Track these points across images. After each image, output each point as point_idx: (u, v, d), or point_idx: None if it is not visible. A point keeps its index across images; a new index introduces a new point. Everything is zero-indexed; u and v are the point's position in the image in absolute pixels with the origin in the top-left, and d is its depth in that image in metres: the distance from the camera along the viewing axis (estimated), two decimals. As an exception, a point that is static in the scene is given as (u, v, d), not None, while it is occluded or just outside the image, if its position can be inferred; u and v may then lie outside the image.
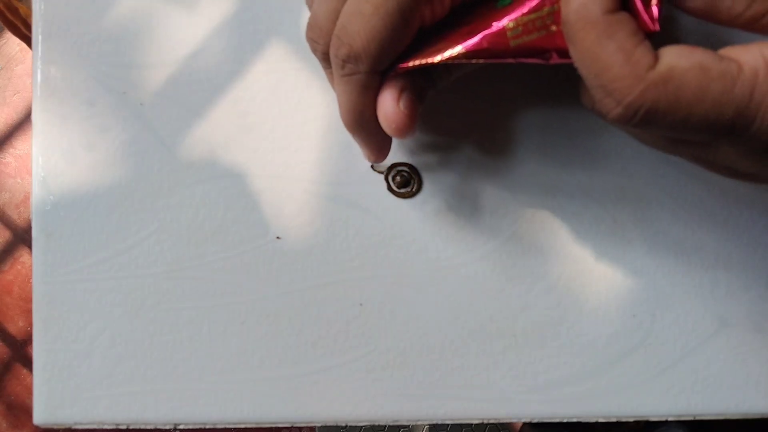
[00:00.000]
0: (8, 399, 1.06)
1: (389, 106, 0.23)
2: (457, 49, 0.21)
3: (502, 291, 0.30)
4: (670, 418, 0.30)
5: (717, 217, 0.30)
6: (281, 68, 0.30)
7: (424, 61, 0.22)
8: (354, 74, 0.22)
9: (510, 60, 0.21)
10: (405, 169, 0.30)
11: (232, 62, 0.30)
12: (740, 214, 0.30)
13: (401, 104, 0.23)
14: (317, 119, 0.30)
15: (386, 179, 0.30)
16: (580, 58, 0.19)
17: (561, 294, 0.30)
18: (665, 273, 0.30)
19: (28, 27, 0.69)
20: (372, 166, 0.30)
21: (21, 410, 1.06)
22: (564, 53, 0.20)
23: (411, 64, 0.22)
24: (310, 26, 0.23)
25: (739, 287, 0.30)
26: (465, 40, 0.21)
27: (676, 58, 0.18)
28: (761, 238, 0.30)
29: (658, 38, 0.19)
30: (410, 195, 0.30)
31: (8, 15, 0.68)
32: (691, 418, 0.30)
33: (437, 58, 0.21)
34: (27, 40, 0.72)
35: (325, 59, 0.23)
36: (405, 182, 0.30)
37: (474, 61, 0.21)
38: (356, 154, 0.30)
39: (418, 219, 0.30)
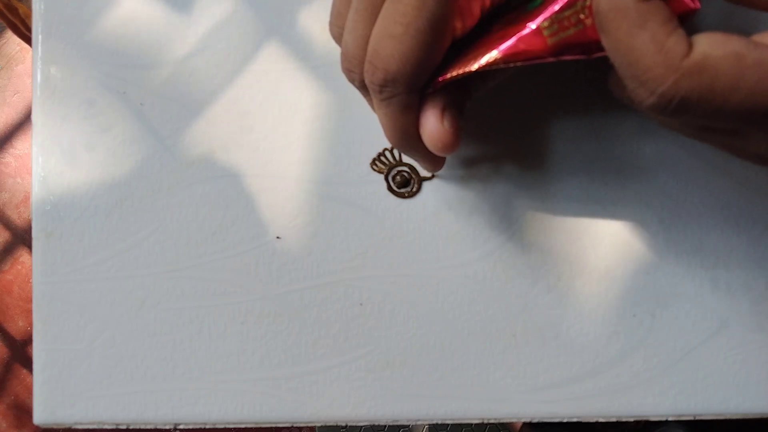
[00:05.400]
0: (8, 399, 1.06)
1: (434, 125, 0.22)
2: (493, 54, 0.20)
3: (502, 291, 0.30)
4: (670, 418, 0.30)
5: (717, 218, 0.30)
6: (281, 68, 0.30)
7: (461, 71, 0.21)
8: (393, 97, 0.22)
9: (550, 59, 0.20)
10: (405, 169, 0.30)
11: (232, 62, 0.30)
12: (740, 214, 0.30)
13: (445, 123, 0.22)
14: (317, 119, 0.30)
15: (386, 179, 0.30)
16: (612, 48, 0.19)
17: (561, 294, 0.30)
18: (665, 273, 0.30)
19: (28, 27, 0.69)
20: (372, 166, 0.30)
21: (21, 410, 1.06)
22: (600, 46, 0.19)
23: (449, 75, 0.22)
24: (344, 57, 0.23)
25: (739, 287, 0.30)
26: (500, 44, 0.20)
27: (710, 46, 0.18)
28: (761, 238, 0.30)
29: (688, 25, 0.19)
30: (410, 195, 0.30)
31: (8, 15, 0.68)
32: (691, 418, 0.30)
33: (474, 66, 0.21)
34: (28, 39, 0.72)
35: (364, 87, 0.23)
36: (405, 182, 0.30)
37: (512, 65, 0.20)
38: (356, 154, 0.30)
39: (418, 219, 0.30)
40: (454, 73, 0.21)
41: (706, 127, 0.21)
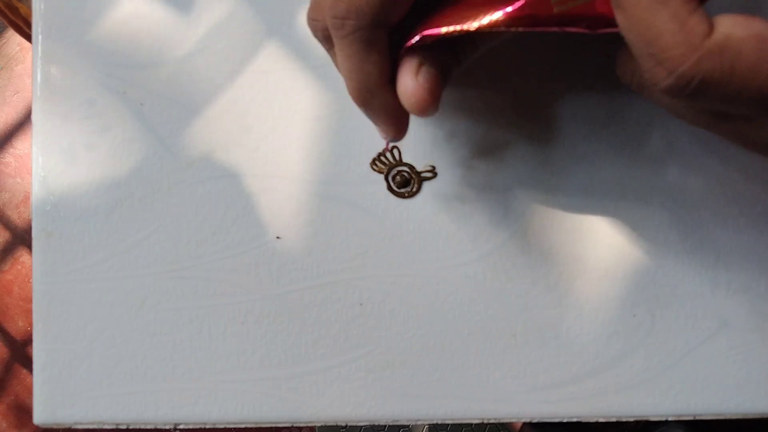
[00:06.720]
0: (8, 399, 1.06)
1: (408, 80, 0.21)
2: (496, 15, 0.19)
3: (502, 291, 0.30)
4: (670, 418, 0.30)
5: (717, 217, 0.30)
6: (281, 68, 0.30)
7: (458, 28, 0.20)
8: (355, 32, 0.21)
9: (554, 29, 0.19)
10: (405, 169, 0.30)
11: (232, 62, 0.30)
12: (740, 214, 0.30)
13: (420, 77, 0.21)
14: (317, 119, 0.30)
15: (386, 179, 0.30)
16: (629, 25, 0.18)
17: (561, 294, 0.30)
18: (665, 273, 0.30)
19: (30, 26, 0.69)
20: (372, 166, 0.30)
21: (21, 410, 1.06)
22: (608, 22, 0.19)
23: (444, 30, 0.20)
24: (311, 7, 0.22)
25: (739, 287, 0.30)
26: (503, 5, 0.19)
27: (732, 27, 0.17)
28: (761, 238, 0.30)
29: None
30: (410, 195, 0.30)
31: (9, 15, 0.68)
32: (691, 418, 0.30)
33: (474, 25, 0.19)
34: (30, 38, 0.72)
35: (326, 38, 0.22)
36: (405, 182, 0.30)
37: (513, 29, 0.19)
38: (356, 154, 0.30)
39: (418, 219, 0.30)
40: (451, 29, 0.20)
41: (719, 112, 0.20)
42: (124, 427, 0.31)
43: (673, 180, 0.30)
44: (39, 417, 0.31)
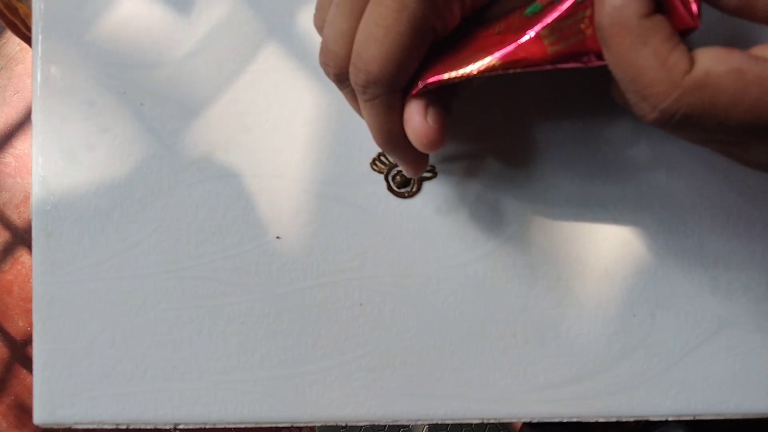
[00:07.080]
0: (8, 399, 1.06)
1: (417, 122, 0.23)
2: (491, 60, 0.21)
3: (502, 291, 0.30)
4: (670, 418, 0.30)
5: (717, 218, 0.30)
6: (281, 68, 0.30)
7: (458, 74, 0.21)
8: (376, 98, 0.23)
9: (548, 67, 0.20)
10: (405, 169, 0.30)
11: (232, 62, 0.30)
12: (740, 214, 0.30)
13: (429, 119, 0.23)
14: (317, 119, 0.30)
15: (386, 179, 0.30)
16: (614, 62, 0.19)
17: (561, 294, 0.30)
18: (665, 273, 0.30)
19: (28, 27, 0.69)
20: (372, 166, 0.30)
21: (21, 410, 1.06)
22: (600, 55, 0.20)
23: (446, 77, 0.21)
24: (322, 51, 0.23)
25: (739, 287, 0.30)
26: (498, 50, 0.20)
27: (712, 62, 0.18)
28: (761, 238, 0.30)
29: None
30: (410, 195, 0.30)
31: (8, 14, 0.68)
32: (691, 418, 0.30)
33: (474, 71, 0.21)
34: (27, 39, 0.72)
35: (338, 81, 0.24)
36: (405, 182, 0.30)
37: (510, 71, 0.21)
38: (356, 154, 0.30)
39: (418, 219, 0.30)
40: (452, 75, 0.21)
41: (706, 138, 0.21)
42: (124, 427, 0.31)
43: (674, 181, 0.30)
44: (39, 417, 0.31)
